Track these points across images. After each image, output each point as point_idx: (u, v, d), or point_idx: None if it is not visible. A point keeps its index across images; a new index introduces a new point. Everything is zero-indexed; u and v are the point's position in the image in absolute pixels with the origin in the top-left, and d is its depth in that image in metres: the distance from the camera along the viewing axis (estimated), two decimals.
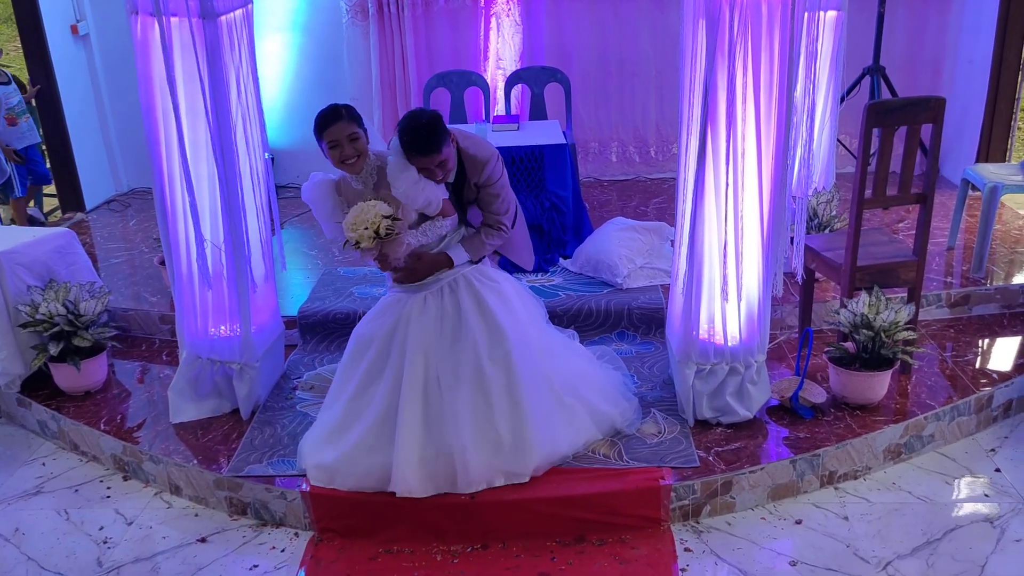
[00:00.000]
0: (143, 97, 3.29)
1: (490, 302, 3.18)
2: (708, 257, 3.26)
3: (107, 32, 6.13)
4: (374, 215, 2.95)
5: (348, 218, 2.99)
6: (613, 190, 6.05)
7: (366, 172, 3.10)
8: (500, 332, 3.15)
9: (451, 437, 3.06)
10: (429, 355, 3.11)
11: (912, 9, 5.85)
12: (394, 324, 3.17)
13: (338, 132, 3.01)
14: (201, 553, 3.15)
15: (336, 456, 3.15)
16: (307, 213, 5.80)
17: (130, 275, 4.96)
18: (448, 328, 3.15)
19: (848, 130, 5.87)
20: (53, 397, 3.92)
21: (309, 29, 6.08)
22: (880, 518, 3.14)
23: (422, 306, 3.17)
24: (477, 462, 3.08)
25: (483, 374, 3.11)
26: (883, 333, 3.39)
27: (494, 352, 3.13)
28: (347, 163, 3.05)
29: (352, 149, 3.03)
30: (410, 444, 3.06)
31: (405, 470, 3.05)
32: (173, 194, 3.40)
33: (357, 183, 3.12)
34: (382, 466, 3.09)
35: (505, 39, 5.96)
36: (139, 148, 6.11)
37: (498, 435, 3.10)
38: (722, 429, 3.41)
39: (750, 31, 2.95)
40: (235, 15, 3.28)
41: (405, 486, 3.06)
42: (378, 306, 3.30)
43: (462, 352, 3.12)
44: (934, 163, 3.47)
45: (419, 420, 3.08)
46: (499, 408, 3.11)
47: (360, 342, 3.25)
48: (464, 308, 3.16)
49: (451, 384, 3.10)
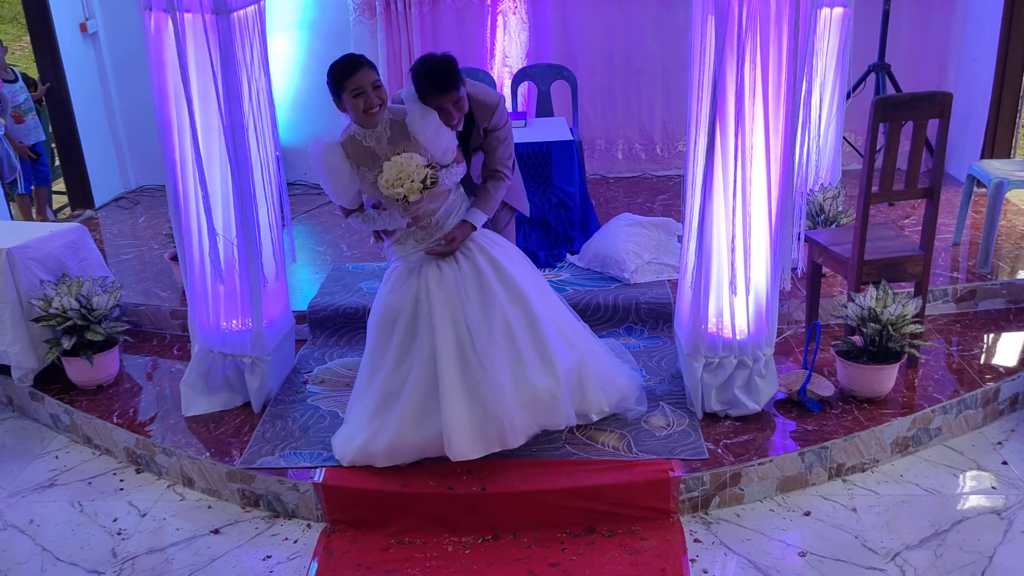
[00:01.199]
0: (156, 93, 3.32)
1: (503, 262, 3.22)
2: (716, 252, 3.28)
3: (116, 30, 6.17)
4: (415, 166, 2.93)
5: (387, 175, 2.95)
6: (619, 187, 6.07)
7: (380, 128, 3.08)
8: (519, 290, 3.20)
9: (496, 396, 3.08)
10: (457, 321, 3.12)
11: (917, 6, 5.87)
12: (415, 296, 3.17)
13: (363, 79, 2.99)
14: (214, 544, 3.18)
15: (388, 440, 3.17)
16: (316, 209, 5.85)
17: (140, 271, 4.99)
18: (471, 292, 3.17)
19: (853, 127, 5.89)
20: (66, 391, 3.95)
21: (316, 27, 6.11)
22: (888, 510, 3.16)
23: (439, 274, 3.17)
24: (521, 417, 3.14)
25: (511, 331, 3.16)
26: (890, 326, 3.41)
27: (518, 310, 3.18)
28: (371, 112, 3.01)
29: (376, 97, 3.01)
30: (457, 410, 3.08)
31: (458, 436, 3.08)
32: (186, 189, 3.43)
33: (369, 140, 3.08)
34: (436, 436, 3.12)
35: (512, 37, 5.99)
36: (148, 146, 6.18)
37: (535, 388, 3.16)
38: (730, 422, 3.44)
39: (759, 27, 2.98)
40: (247, 11, 3.30)
41: (460, 451, 3.08)
42: (391, 280, 3.27)
43: (491, 312, 3.15)
44: (941, 157, 3.49)
45: (461, 386, 3.10)
46: (530, 363, 3.17)
47: (386, 318, 3.23)
48: (483, 271, 3.18)
49: (485, 346, 3.11)
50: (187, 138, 3.33)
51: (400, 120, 3.09)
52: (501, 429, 3.10)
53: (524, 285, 3.23)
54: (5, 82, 5.54)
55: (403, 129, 3.09)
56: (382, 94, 3.04)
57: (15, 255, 3.84)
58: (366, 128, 3.08)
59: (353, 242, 5.26)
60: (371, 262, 4.86)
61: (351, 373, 3.92)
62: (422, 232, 3.19)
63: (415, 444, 3.18)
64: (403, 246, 3.23)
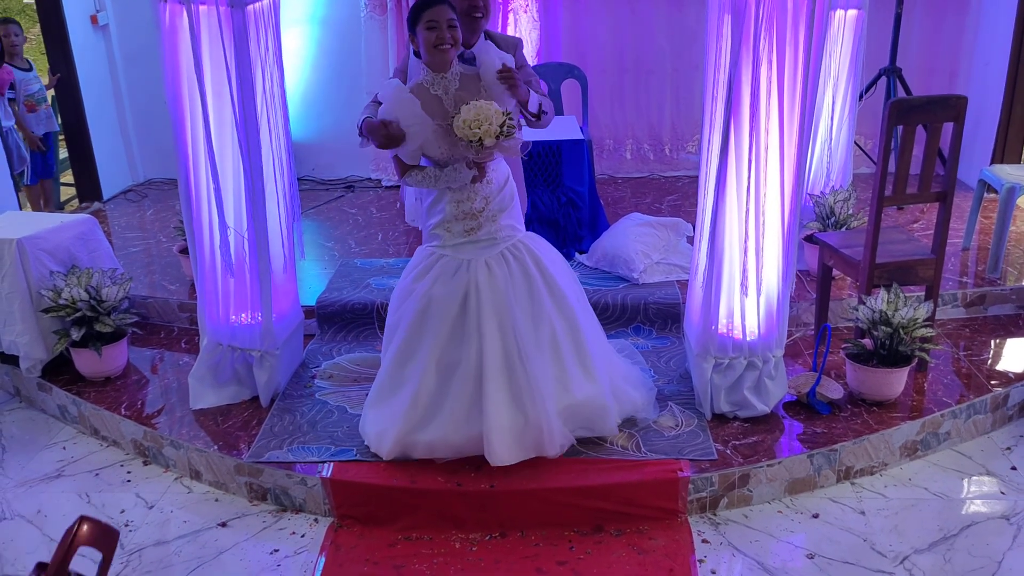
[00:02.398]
0: (169, 86, 3.31)
1: (550, 268, 3.22)
2: (728, 252, 3.27)
3: (126, 22, 6.18)
4: (495, 112, 2.91)
5: (465, 115, 2.92)
6: (627, 187, 6.07)
7: (449, 77, 3.07)
8: (564, 299, 3.21)
9: (538, 406, 3.08)
10: (504, 326, 3.10)
11: (929, 11, 5.87)
12: (464, 292, 3.13)
13: (439, 14, 2.99)
14: (222, 537, 3.17)
15: (431, 438, 3.16)
16: (324, 205, 5.86)
17: (148, 264, 4.99)
18: (521, 295, 3.15)
19: (863, 131, 5.88)
20: (73, 382, 3.95)
21: (327, 22, 6.11)
22: (897, 513, 3.16)
23: (488, 273, 3.13)
24: (560, 427, 3.15)
25: (557, 341, 3.18)
26: (901, 330, 3.40)
27: (562, 319, 3.20)
28: (441, 48, 3.00)
29: (450, 35, 3.00)
30: (501, 417, 3.08)
31: (500, 442, 3.07)
32: (198, 182, 3.43)
33: (437, 87, 3.07)
34: (477, 437, 3.12)
35: (522, 35, 5.98)
36: (157, 139, 6.19)
37: (574, 399, 3.18)
38: (739, 423, 3.43)
39: (775, 26, 2.97)
40: (262, 4, 3.30)
41: (500, 457, 3.08)
42: (435, 270, 3.17)
43: (539, 320, 3.16)
44: (954, 161, 3.48)
45: (506, 392, 3.09)
46: (573, 373, 3.19)
47: (430, 311, 3.15)
48: (532, 274, 3.17)
49: (532, 354, 3.10)
50: (200, 131, 3.33)
51: (472, 74, 3.08)
52: (540, 438, 3.11)
53: (569, 295, 3.24)
54: (20, 71, 5.56)
55: (475, 82, 3.07)
56: (456, 35, 3.02)
57: (25, 245, 3.85)
58: (435, 72, 3.06)
59: (361, 238, 5.26)
60: (379, 258, 4.86)
61: (359, 368, 3.92)
62: (471, 221, 3.14)
63: (456, 444, 3.16)
64: (451, 233, 3.17)
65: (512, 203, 3.23)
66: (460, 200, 3.13)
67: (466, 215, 3.14)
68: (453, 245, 3.17)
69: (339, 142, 6.18)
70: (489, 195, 3.14)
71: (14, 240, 3.82)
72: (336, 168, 6.38)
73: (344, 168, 6.38)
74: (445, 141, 3.04)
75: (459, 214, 3.14)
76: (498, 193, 3.16)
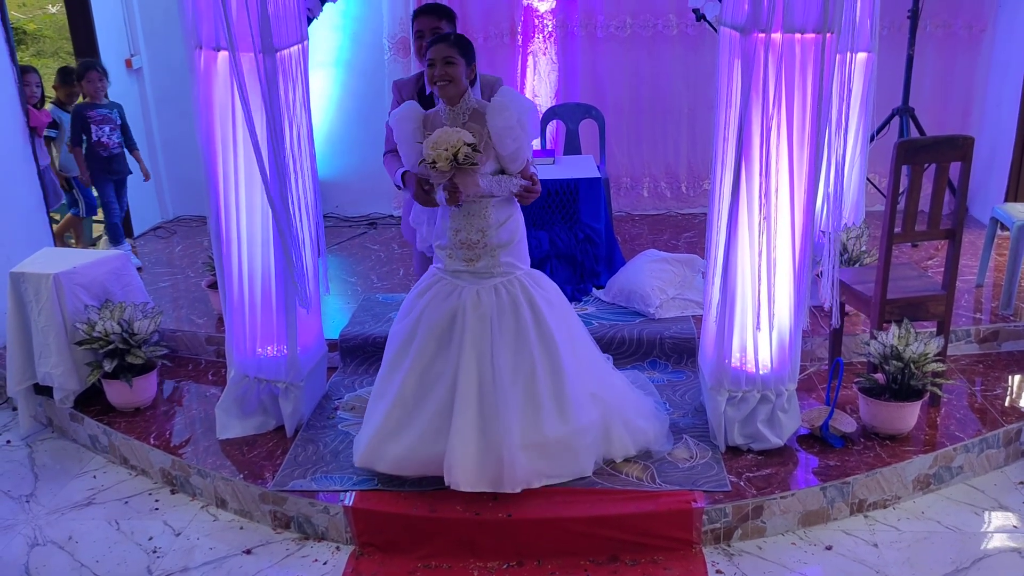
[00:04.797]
0: (202, 127, 3.45)
1: (542, 307, 3.29)
2: (741, 288, 3.36)
3: (159, 66, 6.40)
4: (457, 139, 3.05)
5: (432, 137, 3.08)
6: (644, 224, 6.17)
7: (460, 108, 3.22)
8: (551, 338, 3.27)
9: (503, 435, 3.15)
10: (483, 355, 3.20)
11: (941, 51, 5.97)
12: (452, 313, 3.26)
13: (436, 52, 3.15)
14: (246, 564, 3.26)
15: (399, 451, 3.26)
16: (347, 241, 6.00)
17: (176, 298, 5.13)
18: (505, 326, 3.24)
19: (877, 169, 5.97)
20: (104, 413, 4.07)
21: (352, 65, 6.31)
22: (910, 546, 3.19)
23: (476, 300, 3.24)
24: (523, 462, 3.19)
25: (535, 376, 3.23)
26: (912, 364, 3.46)
27: (545, 358, 3.25)
28: (435, 84, 3.17)
29: (443, 71, 3.15)
30: (465, 439, 3.15)
31: (458, 464, 3.14)
32: (228, 220, 3.56)
33: (446, 118, 3.23)
34: (440, 455, 3.19)
35: (541, 76, 6.15)
36: (186, 177, 6.38)
37: (544, 438, 3.22)
38: (753, 455, 3.49)
39: (784, 71, 3.08)
40: (292, 51, 3.46)
41: (454, 479, 3.15)
42: (433, 289, 3.32)
43: (519, 352, 3.23)
44: (963, 199, 3.56)
45: (474, 415, 3.17)
46: (547, 411, 3.23)
47: (418, 328, 3.29)
48: (521, 310, 3.26)
49: (505, 383, 3.19)
50: (231, 171, 3.46)
51: (481, 110, 3.23)
52: (499, 469, 3.16)
53: (558, 335, 3.29)
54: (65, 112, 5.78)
55: (480, 117, 3.22)
56: (452, 72, 3.15)
57: (62, 280, 3.99)
58: (447, 104, 3.22)
59: (383, 273, 5.38)
60: (400, 293, 4.97)
61: None
62: (468, 251, 3.26)
63: (422, 459, 3.25)
64: (452, 259, 3.31)
65: (515, 243, 3.32)
66: (457, 229, 3.27)
67: (463, 244, 3.26)
68: (452, 271, 3.32)
69: (362, 181, 6.35)
70: (485, 228, 3.25)
71: (51, 275, 3.97)
72: (359, 205, 6.55)
73: (367, 205, 6.55)
74: None
75: (457, 242, 3.28)
76: (496, 228, 3.26)
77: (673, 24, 6.09)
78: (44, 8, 11.23)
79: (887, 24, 5.61)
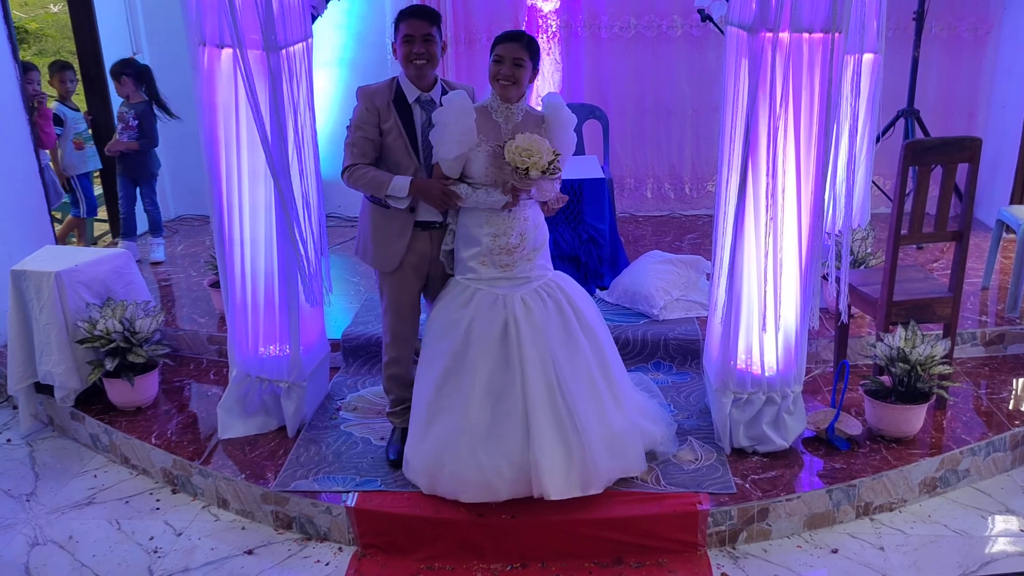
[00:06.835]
0: (205, 125, 3.43)
1: (583, 307, 3.30)
2: (747, 289, 3.34)
3: (162, 64, 6.35)
4: (547, 147, 3.05)
5: (520, 143, 3.04)
6: (648, 225, 6.15)
7: (514, 110, 3.19)
8: (594, 334, 3.29)
9: (583, 437, 3.12)
10: (544, 358, 3.15)
11: (947, 53, 5.95)
12: (503, 324, 3.16)
13: (507, 51, 3.09)
14: (248, 565, 3.23)
15: (488, 463, 3.13)
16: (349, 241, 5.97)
17: (178, 297, 5.11)
18: (556, 332, 3.20)
19: (882, 171, 5.95)
20: (105, 412, 4.05)
21: (355, 65, 6.29)
22: (916, 549, 3.17)
23: (525, 308, 3.19)
24: (605, 460, 3.19)
25: (591, 374, 3.24)
26: (919, 367, 3.44)
27: (595, 353, 3.28)
28: (497, 82, 3.12)
29: (510, 72, 3.10)
30: (547, 448, 3.09)
31: (547, 474, 3.08)
32: (231, 219, 3.54)
33: (498, 115, 3.19)
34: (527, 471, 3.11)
35: (545, 77, 6.13)
36: (187, 176, 6.36)
37: (612, 432, 3.23)
38: (758, 458, 3.46)
39: (791, 71, 3.06)
40: (296, 48, 3.44)
41: (544, 489, 3.08)
42: (475, 301, 3.20)
43: (574, 353, 3.22)
44: (970, 201, 3.53)
45: (551, 424, 3.12)
46: (609, 406, 3.25)
47: (475, 336, 3.17)
48: (563, 308, 3.25)
49: (572, 388, 3.16)
50: (234, 170, 3.45)
51: (538, 115, 3.22)
52: (585, 471, 3.13)
53: (599, 332, 3.32)
54: (71, 111, 5.79)
55: (538, 122, 3.21)
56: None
57: (63, 278, 3.97)
58: (503, 101, 3.17)
59: None
60: None
61: (383, 401, 3.98)
62: (507, 256, 3.20)
63: (509, 477, 3.13)
64: (486, 267, 3.23)
65: (545, 246, 3.33)
66: (497, 234, 3.20)
67: (502, 250, 3.21)
68: (488, 279, 3.24)
69: None
70: (525, 232, 3.23)
71: (52, 273, 3.95)
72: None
73: None
74: (492, 163, 3.15)
75: (495, 248, 3.21)
76: (533, 232, 3.25)
77: (677, 25, 6.08)
78: (46, 7, 11.23)
79: (892, 26, 5.60)
